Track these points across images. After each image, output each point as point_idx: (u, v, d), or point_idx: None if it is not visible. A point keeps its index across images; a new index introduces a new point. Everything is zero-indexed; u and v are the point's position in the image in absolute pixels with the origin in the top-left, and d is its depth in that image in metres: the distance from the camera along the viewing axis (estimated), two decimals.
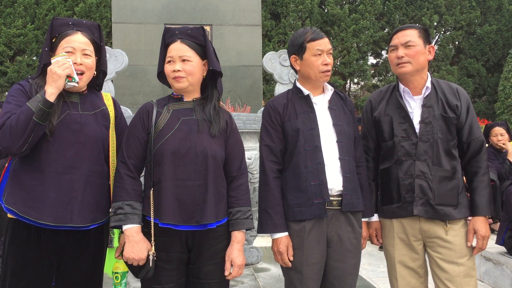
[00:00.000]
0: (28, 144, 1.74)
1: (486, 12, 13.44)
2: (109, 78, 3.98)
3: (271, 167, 2.05)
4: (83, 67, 1.90)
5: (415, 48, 2.13)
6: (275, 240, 2.03)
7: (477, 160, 2.16)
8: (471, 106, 2.19)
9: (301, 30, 2.11)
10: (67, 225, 1.81)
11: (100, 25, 2.06)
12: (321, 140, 2.03)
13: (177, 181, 1.81)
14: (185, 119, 1.88)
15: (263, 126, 2.11)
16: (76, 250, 1.91)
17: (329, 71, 2.07)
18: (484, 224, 2.12)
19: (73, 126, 1.86)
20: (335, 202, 2.01)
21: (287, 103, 2.10)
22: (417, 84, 2.19)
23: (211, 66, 1.94)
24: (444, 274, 2.10)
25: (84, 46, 1.91)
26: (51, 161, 1.81)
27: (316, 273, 2.02)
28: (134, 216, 1.81)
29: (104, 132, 1.95)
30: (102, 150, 1.94)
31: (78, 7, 11.25)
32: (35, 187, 1.80)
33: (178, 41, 1.91)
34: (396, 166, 2.16)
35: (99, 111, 1.98)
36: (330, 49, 2.09)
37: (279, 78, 4.18)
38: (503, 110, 11.32)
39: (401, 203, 2.14)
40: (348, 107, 2.19)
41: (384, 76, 13.80)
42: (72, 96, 1.92)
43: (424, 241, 2.18)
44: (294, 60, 2.12)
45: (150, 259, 1.80)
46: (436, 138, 2.11)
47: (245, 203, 1.93)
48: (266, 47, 11.19)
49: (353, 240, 2.06)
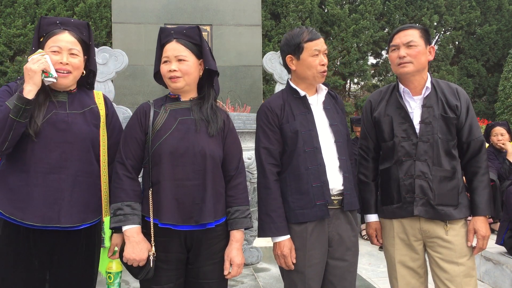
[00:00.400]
0: (9, 142, 1.72)
1: (486, 12, 13.43)
2: (109, 78, 3.98)
3: (271, 170, 2.04)
4: (69, 67, 1.88)
5: (417, 48, 2.13)
6: (278, 243, 2.02)
7: (477, 160, 2.16)
8: (470, 106, 2.19)
9: (296, 30, 2.09)
10: (54, 226, 1.79)
11: (89, 23, 2.04)
12: (320, 141, 2.03)
13: (176, 181, 1.81)
14: (183, 119, 1.88)
15: (260, 127, 2.08)
16: (67, 251, 1.89)
17: (326, 72, 2.08)
18: (484, 224, 2.12)
19: (60, 126, 1.84)
20: (336, 202, 2.02)
21: (284, 104, 2.09)
22: (417, 84, 2.19)
23: (207, 65, 1.94)
24: (444, 274, 2.10)
25: (71, 46, 1.89)
26: (37, 161, 1.79)
27: (318, 273, 2.02)
28: (134, 217, 1.81)
29: (93, 130, 1.93)
30: (92, 149, 1.92)
31: (78, 7, 11.24)
32: (21, 188, 1.78)
33: (173, 41, 1.91)
34: (396, 166, 2.16)
35: (88, 109, 1.95)
36: (326, 49, 2.09)
37: (279, 78, 4.19)
38: (503, 110, 11.31)
39: (401, 204, 2.14)
40: (339, 105, 2.20)
41: (384, 76, 13.79)
42: (59, 96, 1.91)
43: (424, 241, 2.18)
44: (289, 60, 2.11)
45: (150, 259, 1.80)
46: (436, 138, 2.11)
47: (243, 202, 1.93)
48: (266, 47, 11.19)
49: (352, 238, 2.08)
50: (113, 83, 4.11)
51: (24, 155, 1.80)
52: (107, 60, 3.95)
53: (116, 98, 4.06)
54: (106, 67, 3.94)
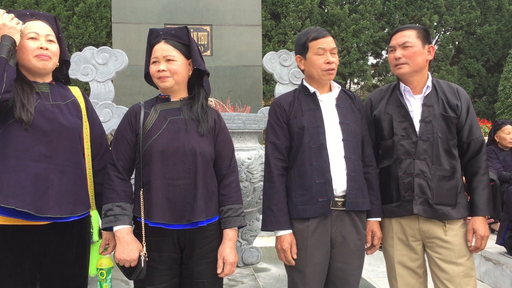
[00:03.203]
0: (5, 85, 1.69)
1: (486, 12, 13.44)
2: (109, 78, 3.98)
3: (276, 164, 2.05)
4: (49, 52, 1.87)
5: (412, 49, 2.14)
6: (278, 237, 2.03)
7: (477, 160, 2.16)
8: (471, 106, 2.20)
9: (305, 29, 2.11)
10: (44, 216, 1.75)
11: (57, 17, 2.04)
12: (326, 138, 2.03)
13: (167, 180, 1.81)
14: (173, 118, 1.89)
15: (269, 123, 2.12)
16: (58, 247, 1.87)
17: (333, 70, 2.06)
18: (484, 224, 2.12)
19: (48, 115, 1.83)
20: (340, 203, 2.01)
21: (293, 100, 2.11)
22: (417, 84, 2.19)
23: (196, 65, 1.95)
24: (444, 274, 2.10)
25: (48, 32, 1.89)
26: (27, 149, 1.76)
27: (319, 274, 2.02)
28: (124, 217, 1.81)
29: (78, 122, 1.93)
30: (78, 141, 1.91)
31: (78, 7, 11.25)
32: (11, 174, 1.74)
33: (162, 41, 1.92)
34: (396, 164, 2.16)
35: (70, 101, 1.95)
36: (334, 48, 2.08)
37: (279, 78, 4.18)
38: (503, 110, 11.31)
39: (400, 202, 2.14)
40: (357, 105, 2.18)
41: (384, 76, 13.81)
42: (41, 87, 1.89)
43: (423, 241, 2.18)
44: (298, 60, 2.13)
45: (141, 260, 1.80)
46: (436, 137, 2.11)
47: (236, 200, 1.93)
48: (266, 47, 11.19)
49: (357, 241, 2.06)
50: (113, 83, 4.11)
51: (12, 142, 1.77)
52: (107, 60, 3.95)
53: (116, 98, 4.05)
54: (106, 67, 3.94)
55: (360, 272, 2.11)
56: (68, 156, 1.85)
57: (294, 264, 2.02)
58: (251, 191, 3.22)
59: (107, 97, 3.97)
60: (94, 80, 3.94)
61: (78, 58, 3.92)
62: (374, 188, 2.14)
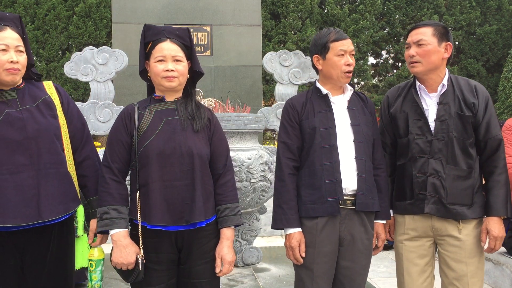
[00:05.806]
0: None
1: (486, 12, 13.44)
2: (109, 78, 3.98)
3: (287, 163, 2.07)
4: (19, 65, 1.82)
5: (426, 47, 2.11)
6: (288, 235, 2.05)
7: (494, 159, 2.13)
8: (490, 104, 2.15)
9: (324, 30, 2.13)
10: (35, 223, 1.77)
11: (21, 16, 1.97)
12: (337, 139, 2.05)
13: (165, 182, 1.80)
14: (168, 119, 1.88)
15: (281, 123, 2.16)
16: (38, 247, 1.87)
17: (351, 72, 2.09)
18: (498, 224, 2.09)
19: (17, 124, 1.80)
20: (349, 202, 2.03)
21: (306, 101, 2.13)
22: (433, 82, 2.17)
23: (196, 67, 1.96)
24: (452, 273, 2.10)
25: (17, 42, 1.83)
26: (3, 163, 1.76)
27: (327, 272, 2.04)
28: (121, 221, 1.80)
29: (51, 121, 1.90)
30: (56, 140, 1.89)
31: (78, 7, 11.26)
32: None
33: (167, 40, 1.90)
34: (410, 163, 2.15)
35: (41, 101, 1.91)
36: (353, 50, 2.11)
37: (279, 78, 4.19)
38: (503, 110, 11.31)
39: (413, 200, 2.14)
40: (369, 108, 2.20)
41: (384, 76, 13.81)
42: (7, 94, 1.85)
43: (435, 239, 2.17)
44: (316, 60, 2.14)
45: (139, 262, 1.80)
46: (451, 136, 2.09)
47: (233, 199, 1.93)
48: (266, 47, 11.20)
49: (366, 240, 2.08)
50: (113, 83, 4.11)
51: None
52: (107, 60, 3.95)
53: (116, 98, 4.06)
54: (106, 67, 3.94)
55: (366, 272, 2.12)
56: (49, 158, 1.84)
57: (302, 262, 2.03)
58: (251, 191, 3.21)
59: (107, 97, 3.97)
60: (94, 80, 3.95)
61: (78, 58, 3.92)
62: (383, 190, 2.15)
